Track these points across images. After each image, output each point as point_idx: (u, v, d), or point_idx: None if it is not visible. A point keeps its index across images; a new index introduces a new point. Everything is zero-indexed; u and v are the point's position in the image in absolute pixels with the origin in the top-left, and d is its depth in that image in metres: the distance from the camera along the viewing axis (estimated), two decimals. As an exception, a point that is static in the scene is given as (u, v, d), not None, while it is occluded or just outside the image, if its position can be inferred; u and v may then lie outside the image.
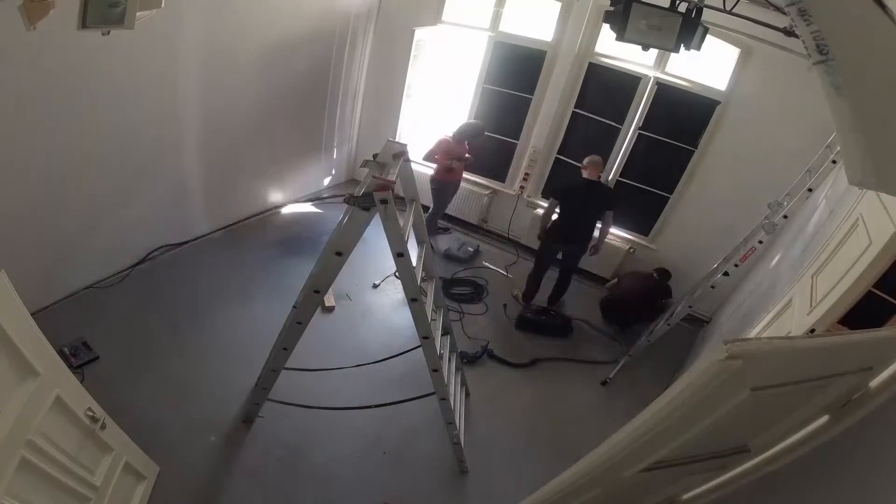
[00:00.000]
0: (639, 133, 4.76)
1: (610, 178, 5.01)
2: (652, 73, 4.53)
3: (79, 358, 3.23)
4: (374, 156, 2.29)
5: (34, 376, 1.67)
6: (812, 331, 2.04)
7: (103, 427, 2.07)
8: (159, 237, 4.38)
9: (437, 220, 5.39)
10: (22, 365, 1.62)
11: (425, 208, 5.91)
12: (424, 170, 4.99)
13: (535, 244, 5.50)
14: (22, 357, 1.60)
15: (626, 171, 4.95)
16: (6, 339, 1.53)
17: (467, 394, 3.64)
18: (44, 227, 3.37)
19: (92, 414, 2.02)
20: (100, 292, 3.90)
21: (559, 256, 4.63)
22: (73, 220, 3.55)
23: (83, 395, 2.02)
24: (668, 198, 4.86)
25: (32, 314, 1.70)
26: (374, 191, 1.98)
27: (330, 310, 4.00)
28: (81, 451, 2.00)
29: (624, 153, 4.89)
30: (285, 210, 5.58)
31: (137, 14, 2.17)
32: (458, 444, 3.01)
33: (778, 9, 3.22)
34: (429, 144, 4.92)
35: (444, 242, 5.45)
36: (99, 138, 3.41)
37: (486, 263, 5.36)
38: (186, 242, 4.64)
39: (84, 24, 2.02)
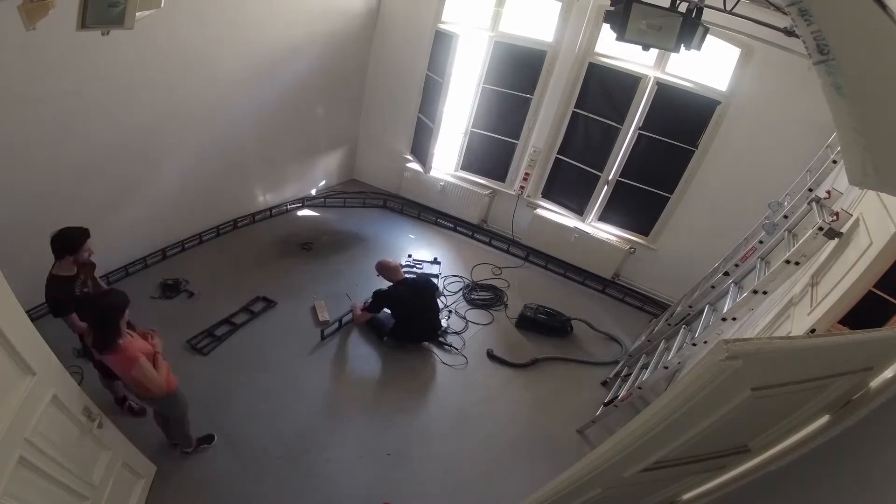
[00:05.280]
0: (639, 133, 4.75)
1: (610, 178, 5.01)
2: (652, 73, 4.53)
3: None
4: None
5: (31, 375, 1.67)
6: (812, 331, 2.04)
7: (100, 426, 2.08)
8: (158, 237, 4.38)
9: None
10: (19, 364, 1.62)
11: (432, 211, 5.89)
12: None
13: (535, 244, 5.51)
14: (18, 356, 1.60)
15: (626, 170, 4.94)
16: (3, 338, 1.53)
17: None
18: (45, 226, 3.36)
19: (88, 413, 2.02)
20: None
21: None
22: (73, 220, 3.55)
23: (79, 395, 2.02)
24: (668, 198, 4.85)
25: (29, 311, 1.70)
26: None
27: (324, 324, 4.00)
28: (79, 449, 2.00)
29: (624, 153, 4.88)
30: (284, 210, 5.58)
31: (137, 14, 2.16)
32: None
33: (778, 9, 3.22)
34: None
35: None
36: (99, 137, 3.42)
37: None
38: (185, 242, 4.64)
39: (83, 24, 2.01)
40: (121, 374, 2.30)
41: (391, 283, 3.96)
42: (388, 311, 3.97)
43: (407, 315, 3.92)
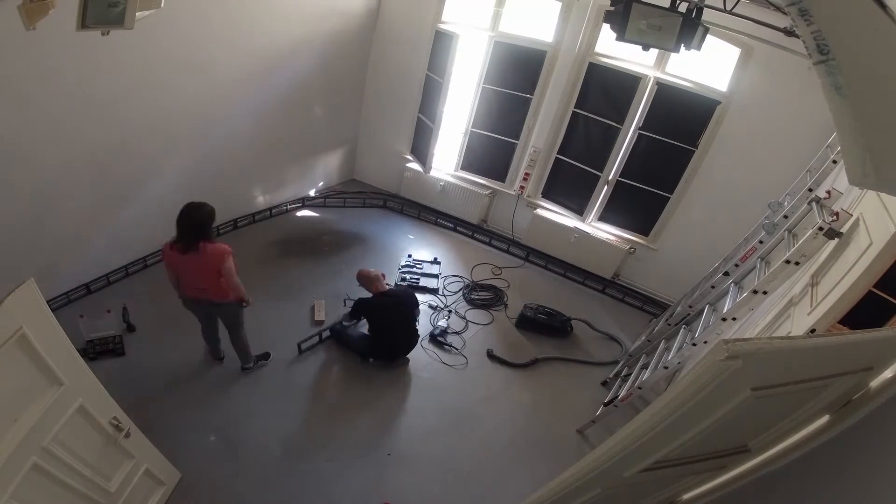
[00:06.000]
0: (639, 133, 4.75)
1: (610, 178, 5.01)
2: (652, 73, 4.53)
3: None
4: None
5: (58, 386, 1.67)
6: (812, 331, 2.04)
7: (127, 436, 2.07)
8: (157, 237, 4.36)
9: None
10: (46, 375, 1.63)
11: (432, 211, 5.90)
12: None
13: (535, 244, 5.51)
14: (47, 367, 1.61)
15: (626, 170, 4.94)
16: (32, 350, 1.53)
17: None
18: (46, 224, 3.37)
19: (117, 423, 2.02)
20: (99, 291, 3.91)
21: None
22: (72, 219, 3.56)
23: (110, 405, 2.01)
24: (668, 198, 4.85)
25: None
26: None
27: (319, 323, 4.00)
28: (101, 458, 2.00)
29: (624, 153, 4.88)
30: (284, 211, 5.58)
31: (137, 14, 2.17)
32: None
33: (778, 9, 3.22)
34: None
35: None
36: (98, 138, 3.42)
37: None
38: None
39: (83, 24, 2.01)
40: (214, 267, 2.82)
41: (372, 294, 3.76)
42: (367, 322, 3.80)
43: (383, 329, 3.72)
